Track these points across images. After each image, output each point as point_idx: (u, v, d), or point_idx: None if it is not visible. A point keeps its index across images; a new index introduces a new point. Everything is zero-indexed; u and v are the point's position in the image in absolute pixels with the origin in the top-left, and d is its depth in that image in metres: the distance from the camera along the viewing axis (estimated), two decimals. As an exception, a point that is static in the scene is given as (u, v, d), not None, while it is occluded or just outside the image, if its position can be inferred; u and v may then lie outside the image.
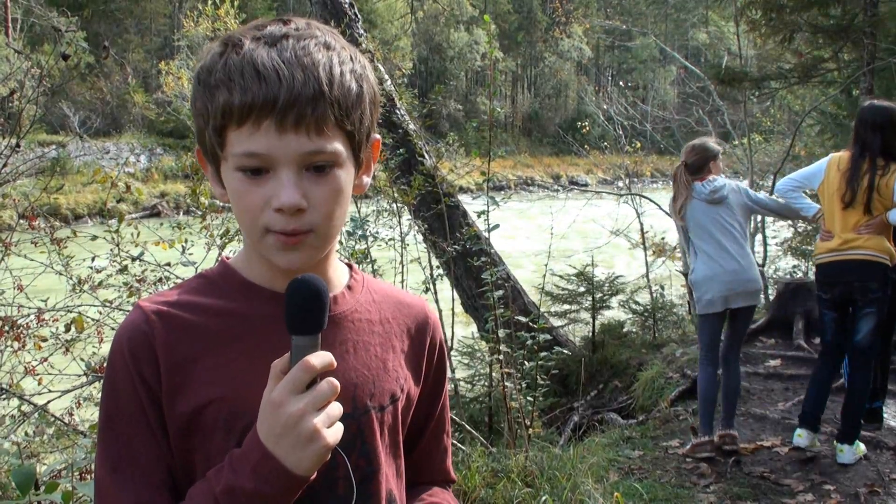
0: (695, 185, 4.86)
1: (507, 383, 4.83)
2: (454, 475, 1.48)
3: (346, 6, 7.84)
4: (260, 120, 1.02)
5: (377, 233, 5.64)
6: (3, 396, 4.00)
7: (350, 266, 1.31)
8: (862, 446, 4.87)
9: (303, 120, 1.03)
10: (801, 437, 4.85)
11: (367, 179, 1.20)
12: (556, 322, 8.67)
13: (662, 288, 11.16)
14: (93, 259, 4.62)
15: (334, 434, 1.02)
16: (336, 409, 1.02)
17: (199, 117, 1.09)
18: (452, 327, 5.93)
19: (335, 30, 1.15)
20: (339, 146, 1.07)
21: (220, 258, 1.27)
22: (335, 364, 1.03)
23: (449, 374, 1.47)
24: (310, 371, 1.00)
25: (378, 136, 1.19)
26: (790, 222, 12.58)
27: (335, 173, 1.08)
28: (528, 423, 4.76)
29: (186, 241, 4.64)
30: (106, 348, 4.55)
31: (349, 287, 1.25)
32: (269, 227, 1.07)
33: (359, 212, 5.54)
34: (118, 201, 4.85)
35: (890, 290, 4.65)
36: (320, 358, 1.01)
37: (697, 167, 4.90)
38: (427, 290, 5.57)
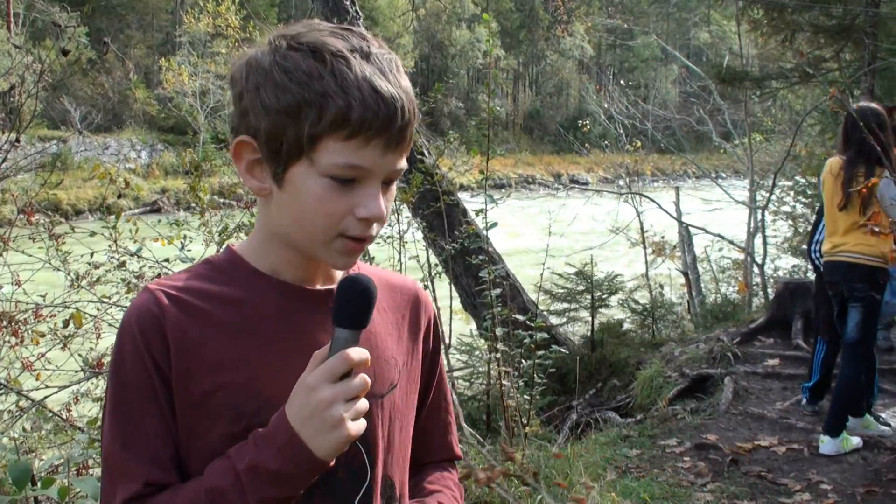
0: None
1: (504, 381, 4.83)
2: (459, 451, 1.49)
3: (348, 4, 7.82)
4: (371, 137, 1.08)
5: (376, 230, 5.64)
6: (1, 392, 4.00)
7: None
8: (853, 441, 4.89)
9: (403, 142, 1.11)
10: (824, 442, 4.91)
11: None
12: (555, 320, 8.66)
13: (662, 287, 11.18)
14: (91, 255, 4.61)
15: (357, 427, 1.06)
16: (363, 404, 1.07)
17: (282, 115, 1.09)
18: (451, 325, 5.93)
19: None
20: None
21: (225, 246, 1.29)
22: (370, 362, 1.08)
23: (446, 364, 1.48)
24: (348, 363, 1.05)
25: None
26: (790, 222, 12.59)
27: (394, 186, 1.17)
28: (526, 422, 4.76)
29: (185, 237, 4.64)
30: (104, 344, 4.56)
31: None
32: (346, 232, 1.13)
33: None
34: (118, 197, 4.84)
35: (881, 290, 4.71)
36: (359, 353, 1.06)
37: None
38: (425, 287, 5.57)
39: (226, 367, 1.13)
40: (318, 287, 1.23)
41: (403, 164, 1.14)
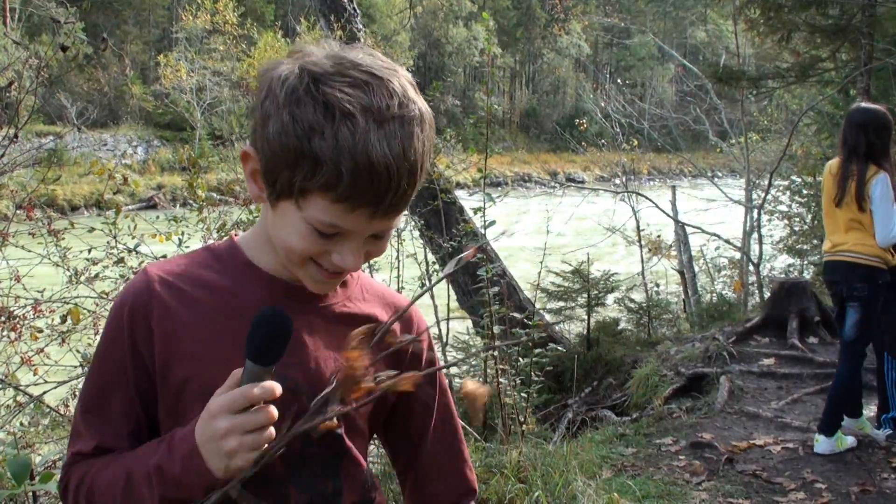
0: None
1: (501, 379, 4.84)
2: (475, 485, 1.46)
3: (346, 1, 7.84)
4: (357, 207, 1.07)
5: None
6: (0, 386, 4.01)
7: None
8: (848, 440, 4.90)
9: (395, 210, 1.10)
10: (819, 441, 4.92)
11: None
12: (551, 319, 8.68)
13: (658, 286, 11.19)
14: (89, 251, 4.62)
15: (247, 458, 1.06)
16: (267, 435, 1.06)
17: (279, 157, 1.07)
18: (448, 323, 5.94)
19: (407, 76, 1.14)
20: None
21: (228, 236, 1.30)
22: (278, 394, 1.06)
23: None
24: (249, 399, 1.05)
25: None
26: (786, 221, 12.62)
27: (388, 235, 1.17)
28: (522, 420, 4.78)
29: (183, 233, 4.65)
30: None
31: (343, 282, 1.29)
32: (321, 263, 1.14)
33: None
34: (115, 193, 4.84)
35: (881, 290, 4.70)
36: (263, 389, 1.05)
37: None
38: (422, 285, 5.57)
39: (199, 357, 1.17)
40: None
41: (396, 222, 1.15)
